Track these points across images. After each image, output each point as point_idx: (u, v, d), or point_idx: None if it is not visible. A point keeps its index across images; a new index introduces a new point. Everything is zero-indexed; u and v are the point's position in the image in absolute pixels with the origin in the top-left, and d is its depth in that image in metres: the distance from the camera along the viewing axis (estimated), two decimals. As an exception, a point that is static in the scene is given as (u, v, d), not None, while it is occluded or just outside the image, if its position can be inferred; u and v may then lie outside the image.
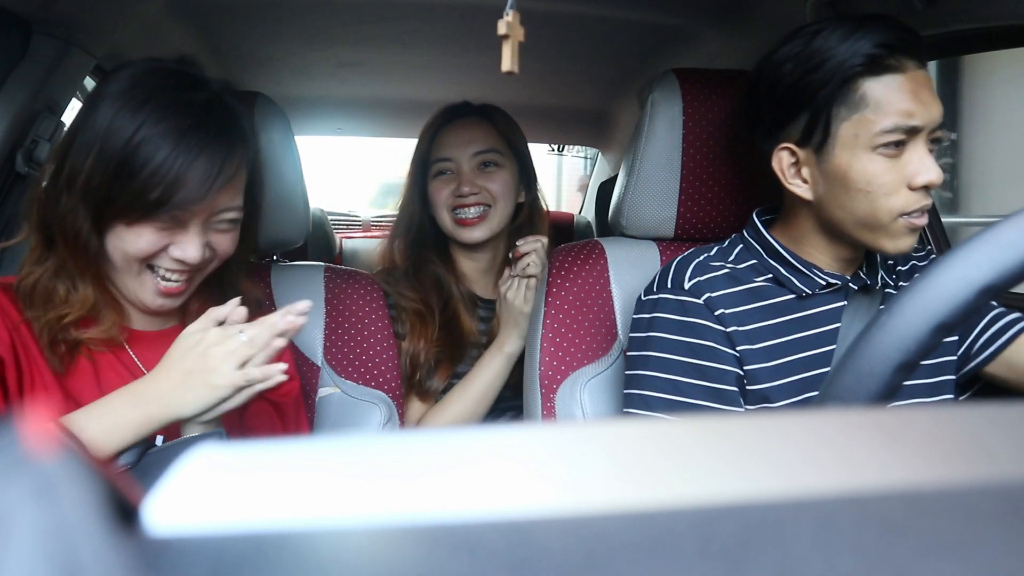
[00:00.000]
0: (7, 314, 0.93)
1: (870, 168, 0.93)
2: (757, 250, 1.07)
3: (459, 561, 0.18)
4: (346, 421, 1.27)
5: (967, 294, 0.46)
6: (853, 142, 0.94)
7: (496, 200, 1.51)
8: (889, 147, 0.93)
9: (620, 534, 0.19)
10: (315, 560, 0.19)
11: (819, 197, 0.99)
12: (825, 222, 1.01)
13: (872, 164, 0.93)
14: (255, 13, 1.76)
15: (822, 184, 0.98)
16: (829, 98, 0.94)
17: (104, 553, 0.17)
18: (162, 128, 0.89)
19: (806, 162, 0.99)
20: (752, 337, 1.01)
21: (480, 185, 1.50)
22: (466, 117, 1.56)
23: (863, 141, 0.93)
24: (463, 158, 1.51)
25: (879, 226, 0.95)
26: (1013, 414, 0.27)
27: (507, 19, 0.63)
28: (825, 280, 1.03)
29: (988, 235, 0.47)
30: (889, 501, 0.21)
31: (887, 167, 0.93)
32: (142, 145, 0.89)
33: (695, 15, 1.71)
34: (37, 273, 0.96)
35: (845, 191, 0.95)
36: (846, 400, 0.50)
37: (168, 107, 0.90)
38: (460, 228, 1.51)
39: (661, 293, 1.06)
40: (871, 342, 0.48)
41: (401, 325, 1.47)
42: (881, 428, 0.26)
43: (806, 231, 1.04)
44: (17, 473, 0.17)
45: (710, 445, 0.24)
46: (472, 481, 0.22)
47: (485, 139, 1.53)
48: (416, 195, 1.57)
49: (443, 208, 1.51)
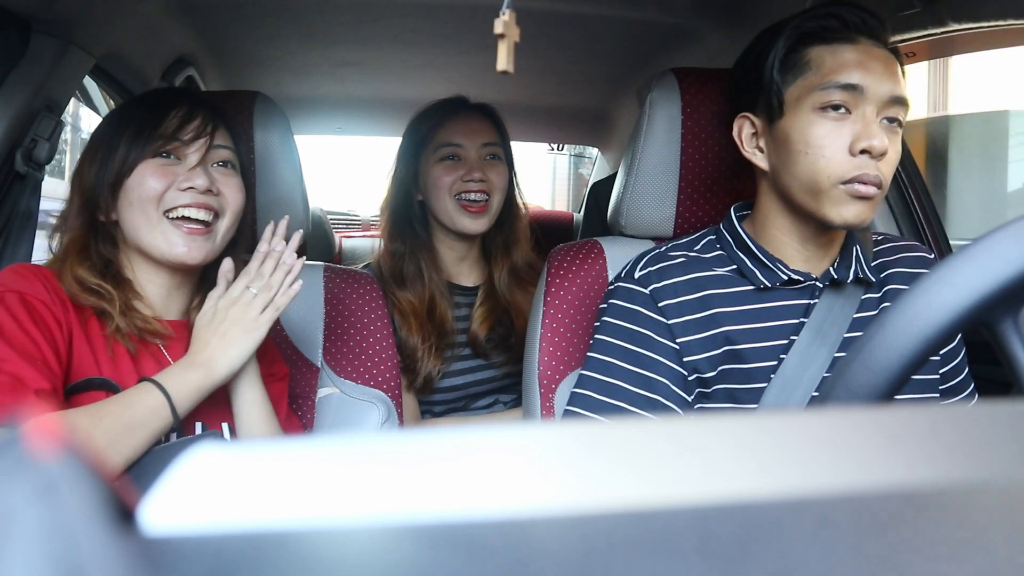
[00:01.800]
0: (64, 304, 0.98)
1: (810, 130, 0.96)
2: (728, 241, 1.09)
3: (458, 560, 0.18)
4: (345, 420, 1.27)
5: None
6: (796, 104, 0.98)
7: (495, 192, 1.55)
8: (831, 110, 0.95)
9: (619, 533, 0.20)
10: (314, 559, 0.19)
11: (772, 165, 1.02)
12: (781, 195, 1.03)
13: (813, 126, 0.96)
14: (255, 13, 1.76)
15: (773, 151, 1.01)
16: (777, 63, 0.99)
17: (104, 552, 0.17)
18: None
19: (762, 132, 1.03)
20: (695, 326, 1.03)
21: (486, 174, 1.53)
22: (470, 111, 1.59)
23: (806, 103, 0.96)
24: (471, 146, 1.54)
25: (820, 191, 0.96)
26: (1013, 414, 0.27)
27: (503, 18, 0.63)
28: (788, 275, 1.03)
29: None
30: (888, 500, 0.21)
31: (829, 130, 0.95)
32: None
33: (695, 15, 1.71)
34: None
35: (789, 154, 0.98)
36: (850, 397, 0.50)
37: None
38: (463, 215, 1.52)
39: (616, 283, 1.09)
40: (885, 334, 0.49)
41: (397, 317, 1.50)
42: (881, 428, 0.26)
43: (769, 211, 1.05)
44: (19, 474, 0.18)
45: (709, 444, 0.24)
46: (471, 480, 0.22)
47: (490, 133, 1.58)
48: (409, 180, 1.58)
49: (446, 192, 1.52)
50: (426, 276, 1.54)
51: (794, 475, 0.23)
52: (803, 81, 0.97)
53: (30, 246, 1.36)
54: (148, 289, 1.06)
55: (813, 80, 0.96)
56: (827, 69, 0.96)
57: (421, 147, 1.57)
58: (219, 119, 1.08)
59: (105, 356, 0.99)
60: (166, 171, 1.01)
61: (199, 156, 1.03)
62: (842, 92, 0.95)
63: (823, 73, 0.96)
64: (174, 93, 1.11)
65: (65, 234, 1.05)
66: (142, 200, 1.00)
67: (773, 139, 1.01)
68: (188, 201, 1.01)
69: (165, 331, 1.04)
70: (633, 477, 0.22)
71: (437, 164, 1.54)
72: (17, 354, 0.89)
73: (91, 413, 0.91)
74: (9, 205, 1.34)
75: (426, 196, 1.56)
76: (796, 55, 0.99)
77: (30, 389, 0.88)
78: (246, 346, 1.01)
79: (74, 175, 1.04)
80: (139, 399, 0.94)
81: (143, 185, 1.00)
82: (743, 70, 1.06)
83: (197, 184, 1.01)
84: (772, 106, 1.00)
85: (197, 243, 1.03)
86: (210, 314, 1.02)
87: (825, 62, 0.96)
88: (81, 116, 3.97)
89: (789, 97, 0.99)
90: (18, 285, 0.95)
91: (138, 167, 1.00)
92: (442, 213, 1.54)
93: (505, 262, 1.61)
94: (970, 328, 0.50)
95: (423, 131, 1.58)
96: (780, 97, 0.99)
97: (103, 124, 1.08)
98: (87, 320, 0.99)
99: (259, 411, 1.07)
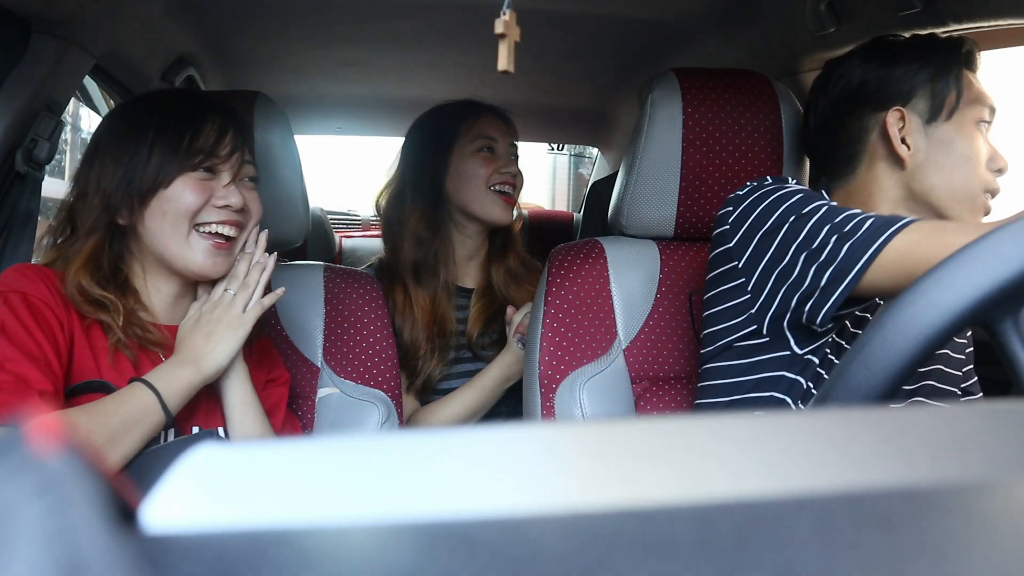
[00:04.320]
0: (66, 306, 0.99)
1: (973, 140, 1.03)
2: None
3: (458, 559, 0.18)
4: (345, 420, 1.27)
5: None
6: (963, 114, 1.04)
7: (518, 188, 1.61)
8: (983, 125, 1.04)
9: (619, 532, 0.20)
10: (314, 558, 0.19)
11: (916, 164, 1.05)
12: (915, 191, 1.06)
13: (974, 138, 1.03)
14: (255, 13, 1.76)
15: (924, 149, 1.05)
16: (958, 73, 1.04)
17: (106, 550, 0.17)
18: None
19: (913, 129, 1.06)
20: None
21: (517, 169, 1.61)
22: (496, 113, 1.65)
23: (969, 115, 1.04)
24: (503, 143, 1.60)
25: (969, 196, 1.03)
26: (1013, 414, 0.27)
27: (504, 18, 0.63)
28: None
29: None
30: (888, 499, 0.22)
31: (982, 144, 1.04)
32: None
33: (695, 15, 1.71)
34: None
35: (948, 157, 1.03)
36: (850, 397, 0.50)
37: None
38: (498, 205, 1.56)
39: (769, 182, 1.04)
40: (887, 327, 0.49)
41: (399, 317, 1.51)
42: (881, 428, 0.26)
43: (880, 202, 1.07)
44: (21, 472, 0.18)
45: (709, 443, 0.24)
46: (471, 480, 0.22)
47: (513, 134, 1.65)
48: (441, 171, 1.59)
49: (482, 181, 1.56)
50: (441, 271, 1.56)
51: (794, 474, 0.23)
52: (968, 94, 1.04)
53: (30, 246, 1.36)
54: (155, 297, 1.07)
55: (971, 96, 1.04)
56: (977, 89, 1.05)
57: (453, 140, 1.59)
58: (246, 133, 1.10)
59: (106, 359, 0.99)
60: (204, 186, 1.02)
61: (232, 173, 1.05)
62: (990, 113, 1.04)
63: (975, 92, 1.04)
64: (198, 100, 1.10)
65: (67, 232, 1.04)
66: (176, 213, 1.01)
67: (928, 138, 1.05)
68: (222, 218, 1.03)
69: (165, 339, 1.05)
70: (633, 476, 0.22)
71: (474, 155, 1.57)
72: (22, 354, 0.89)
73: (86, 412, 0.91)
74: (9, 205, 1.34)
75: (455, 187, 1.58)
76: (958, 69, 1.05)
77: (34, 390, 0.88)
78: (232, 342, 1.03)
79: (89, 174, 1.02)
80: (131, 398, 0.95)
81: (181, 200, 1.01)
82: (896, 65, 1.07)
83: (233, 203, 1.03)
84: (938, 109, 1.04)
85: (221, 257, 1.04)
86: (194, 318, 1.04)
87: (974, 82, 1.05)
88: (81, 116, 3.97)
89: (960, 105, 1.04)
90: (21, 285, 0.94)
91: (177, 180, 1.01)
92: (474, 203, 1.56)
93: (503, 262, 1.64)
94: (970, 328, 0.50)
95: (454, 125, 1.60)
96: (956, 103, 1.04)
97: (118, 122, 1.06)
98: (90, 323, 0.99)
99: (250, 413, 1.08)
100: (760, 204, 0.99)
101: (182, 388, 0.99)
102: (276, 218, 1.27)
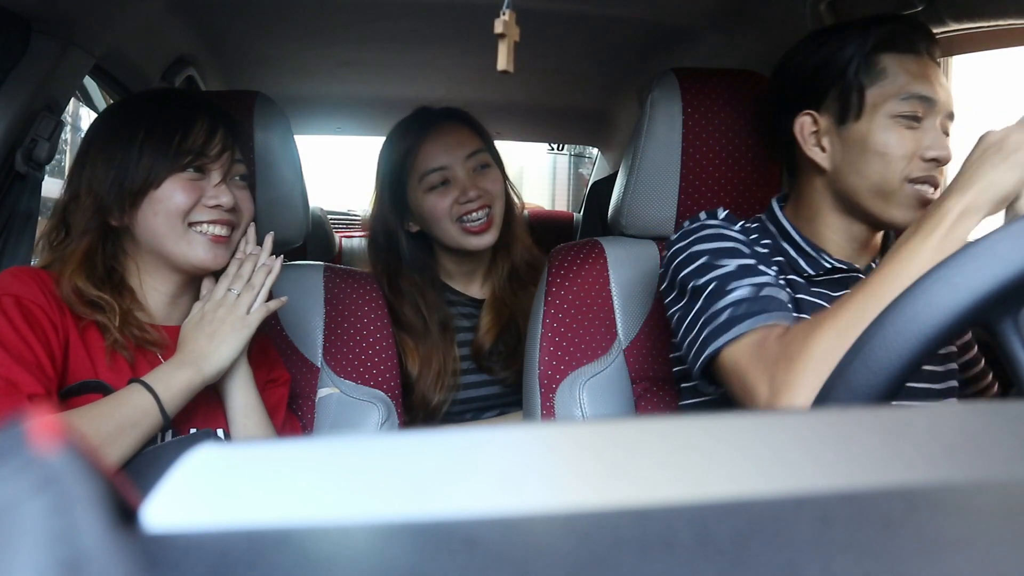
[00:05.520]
0: (61, 308, 0.98)
1: (887, 135, 0.99)
2: (773, 233, 1.10)
3: (458, 559, 0.18)
4: (345, 421, 1.27)
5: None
6: (873, 109, 1.00)
7: (495, 200, 1.46)
8: (906, 119, 0.98)
9: (619, 532, 0.20)
10: (314, 558, 0.19)
11: (836, 165, 1.03)
12: (839, 192, 1.04)
13: (889, 132, 0.99)
14: (255, 13, 1.76)
15: (840, 151, 1.03)
16: (857, 69, 1.00)
17: (106, 549, 0.17)
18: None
19: (826, 131, 1.04)
20: None
21: (481, 188, 1.44)
22: (443, 123, 1.49)
23: (883, 110, 0.99)
24: (457, 164, 1.44)
25: (890, 191, 0.99)
26: (1013, 414, 0.27)
27: (503, 18, 0.63)
28: (832, 264, 1.04)
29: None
30: (887, 499, 0.22)
31: (903, 137, 0.98)
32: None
33: (695, 15, 1.71)
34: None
35: (862, 156, 1.00)
36: (851, 396, 0.50)
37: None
38: (469, 236, 1.44)
39: (684, 231, 1.07)
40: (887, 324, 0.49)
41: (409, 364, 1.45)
42: (881, 427, 0.26)
43: (820, 206, 1.07)
44: (22, 470, 0.18)
45: (708, 443, 0.24)
46: (471, 479, 0.22)
47: (472, 141, 1.48)
48: (392, 213, 1.49)
49: (446, 219, 1.43)
50: (426, 316, 1.46)
51: (794, 474, 0.23)
52: (880, 88, 0.99)
53: (30, 246, 1.36)
54: (152, 297, 1.07)
55: (890, 89, 0.99)
56: (903, 79, 0.99)
57: (403, 176, 1.48)
58: (236, 131, 1.10)
59: (103, 360, 0.99)
60: (194, 186, 1.02)
61: (223, 172, 1.05)
62: (919, 103, 0.98)
63: (900, 83, 0.99)
64: (188, 99, 1.10)
65: (62, 233, 1.03)
66: (169, 212, 1.01)
67: (842, 140, 1.02)
68: (214, 218, 1.03)
69: (163, 339, 1.04)
70: (633, 476, 0.22)
71: (427, 194, 1.44)
72: (11, 358, 0.89)
73: (82, 414, 0.91)
74: (9, 205, 1.34)
75: (425, 226, 1.48)
76: (872, 61, 1.00)
77: (23, 394, 0.88)
78: (235, 343, 1.03)
79: (81, 175, 1.02)
80: (128, 400, 0.94)
81: (172, 200, 1.01)
82: (802, 69, 1.06)
83: (223, 202, 1.03)
84: (847, 108, 1.01)
85: (221, 248, 1.05)
86: (197, 318, 1.04)
87: (899, 71, 0.99)
88: (81, 116, 3.97)
89: (867, 101, 1.00)
90: (14, 289, 0.94)
91: (167, 181, 1.01)
92: (447, 239, 1.46)
93: (505, 263, 1.55)
94: (970, 328, 0.50)
95: (398, 159, 1.48)
96: (861, 101, 1.00)
97: (109, 123, 1.07)
98: (86, 324, 0.99)
99: (254, 416, 1.07)
100: (675, 259, 1.05)
101: (181, 390, 0.98)
102: (276, 218, 1.27)
